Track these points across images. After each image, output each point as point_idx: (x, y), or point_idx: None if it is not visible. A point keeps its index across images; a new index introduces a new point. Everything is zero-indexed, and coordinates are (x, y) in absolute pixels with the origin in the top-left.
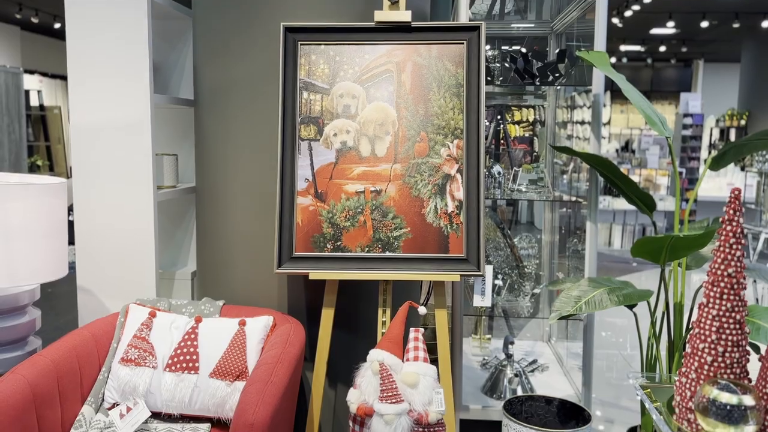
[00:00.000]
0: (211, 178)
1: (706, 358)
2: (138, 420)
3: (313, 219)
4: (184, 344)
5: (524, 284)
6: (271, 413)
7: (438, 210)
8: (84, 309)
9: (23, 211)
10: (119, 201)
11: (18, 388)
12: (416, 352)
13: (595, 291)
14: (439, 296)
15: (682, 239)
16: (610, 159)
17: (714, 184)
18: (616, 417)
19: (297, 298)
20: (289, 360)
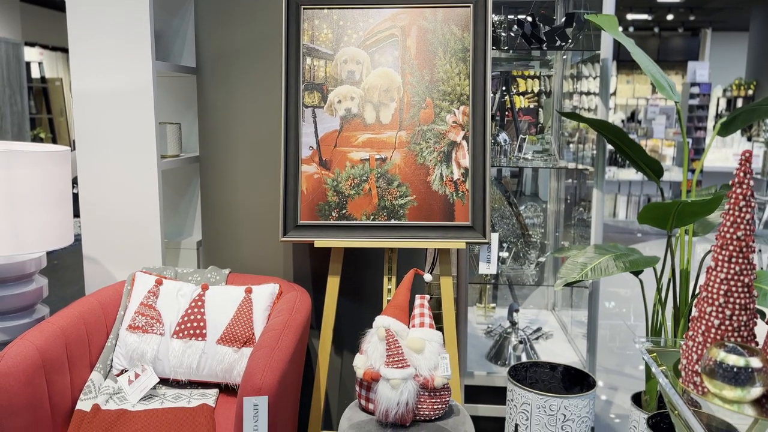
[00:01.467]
0: (215, 146)
1: (714, 321)
2: (146, 386)
3: (317, 187)
4: (191, 311)
5: (529, 252)
6: (279, 378)
7: (443, 177)
8: (90, 278)
9: (27, 178)
10: (123, 171)
11: (27, 354)
12: (422, 319)
13: (601, 257)
14: (445, 264)
15: (690, 205)
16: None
17: (720, 154)
18: (620, 384)
19: (302, 267)
20: (295, 326)
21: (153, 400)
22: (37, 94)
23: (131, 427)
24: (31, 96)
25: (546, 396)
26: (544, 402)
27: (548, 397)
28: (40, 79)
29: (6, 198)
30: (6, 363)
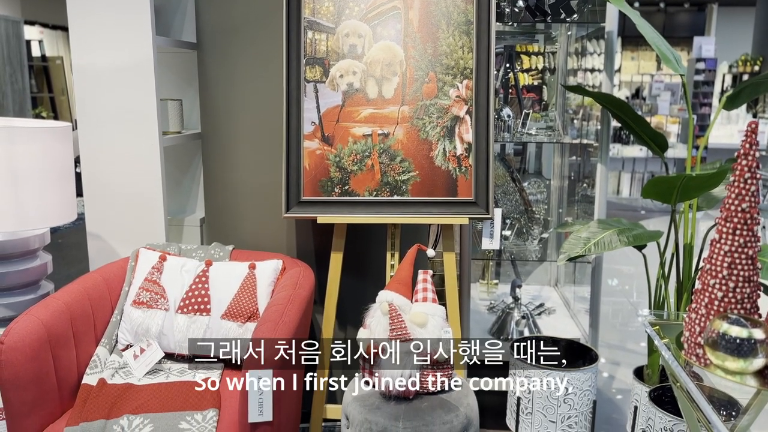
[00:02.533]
0: (217, 123)
1: (717, 293)
2: (152, 360)
3: (320, 163)
4: (195, 287)
5: (533, 228)
6: None
7: (446, 153)
8: (95, 255)
9: (29, 154)
10: (125, 148)
11: (33, 329)
12: (425, 293)
13: (604, 232)
14: (448, 240)
15: (695, 179)
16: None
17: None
18: (622, 359)
19: (305, 243)
20: (299, 301)
21: (158, 375)
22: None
23: (137, 401)
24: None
25: (548, 370)
26: (546, 376)
27: (551, 371)
28: (41, 57)
29: (8, 174)
30: (12, 337)
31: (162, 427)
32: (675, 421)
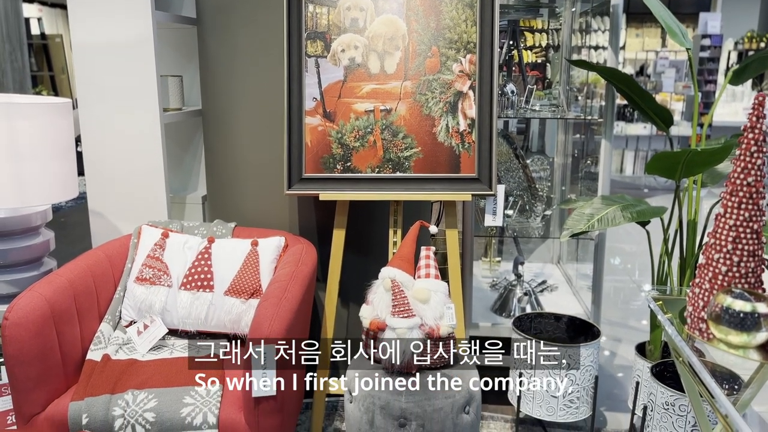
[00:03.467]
0: (217, 99)
1: (721, 268)
2: (155, 336)
3: (322, 139)
4: (198, 263)
5: (536, 205)
6: (286, 327)
7: (449, 129)
8: (97, 232)
9: (29, 130)
10: (126, 125)
11: (36, 305)
12: (427, 270)
13: (608, 208)
14: (450, 216)
15: (700, 154)
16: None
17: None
18: (624, 336)
19: (308, 220)
20: (302, 278)
21: (162, 350)
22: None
23: (141, 376)
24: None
25: (550, 345)
26: (548, 351)
27: (552, 346)
28: (40, 35)
29: (8, 150)
30: (16, 313)
31: (166, 401)
32: (677, 396)
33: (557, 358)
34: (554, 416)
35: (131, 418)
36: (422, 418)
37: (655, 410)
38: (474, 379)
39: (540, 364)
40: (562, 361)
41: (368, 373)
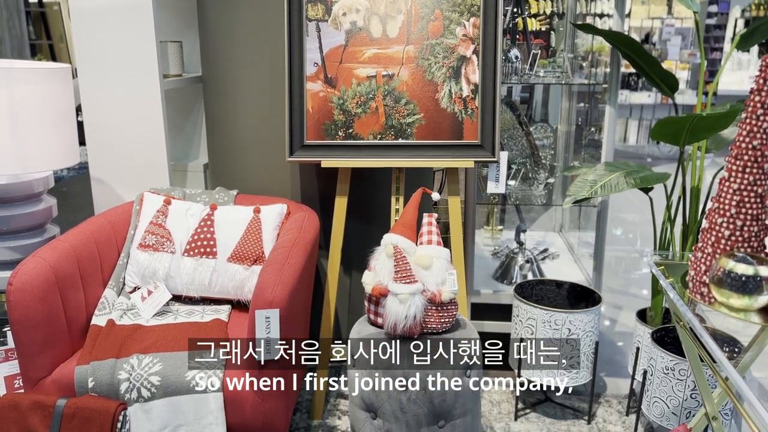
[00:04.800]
0: (218, 65)
1: (724, 232)
2: (159, 302)
3: (323, 105)
4: (200, 230)
5: (539, 172)
6: (289, 292)
7: (452, 94)
8: (99, 200)
9: (29, 95)
10: (126, 91)
11: (40, 271)
12: (429, 236)
13: (611, 174)
14: (453, 183)
15: (705, 119)
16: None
17: (735, 77)
18: (625, 303)
19: (310, 188)
20: (304, 244)
21: (167, 316)
22: (35, 19)
23: (146, 341)
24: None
25: (551, 311)
26: (549, 317)
27: (553, 312)
28: (38, 3)
29: (9, 116)
30: (20, 279)
31: (171, 365)
32: (677, 361)
33: (558, 324)
34: (555, 381)
35: (137, 382)
36: (424, 382)
37: (654, 375)
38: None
39: (541, 329)
40: (563, 327)
41: (371, 337)
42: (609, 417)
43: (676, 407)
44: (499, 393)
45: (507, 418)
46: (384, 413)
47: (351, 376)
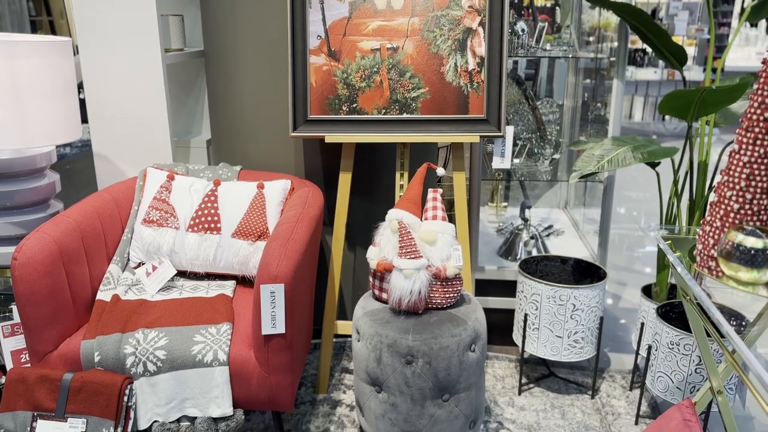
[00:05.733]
0: (220, 39)
1: (733, 205)
2: (164, 277)
3: (327, 79)
4: (204, 206)
5: (545, 147)
6: (294, 267)
7: (458, 68)
8: (102, 176)
9: (30, 69)
10: (128, 66)
11: (45, 246)
12: (434, 212)
13: (618, 149)
14: (458, 159)
15: (715, 92)
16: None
17: (743, 53)
18: (629, 280)
19: (314, 163)
20: (308, 220)
21: (172, 291)
22: None
23: (151, 316)
24: None
25: (556, 286)
26: (554, 292)
27: (558, 287)
28: None
29: (10, 89)
30: (24, 254)
31: (177, 339)
32: (682, 336)
33: (563, 300)
34: (559, 356)
35: (142, 356)
36: (429, 356)
37: (659, 350)
38: (480, 317)
39: (546, 305)
40: (568, 303)
41: (375, 312)
42: (612, 392)
43: (680, 382)
44: (503, 368)
45: (511, 393)
46: (389, 387)
47: (356, 350)
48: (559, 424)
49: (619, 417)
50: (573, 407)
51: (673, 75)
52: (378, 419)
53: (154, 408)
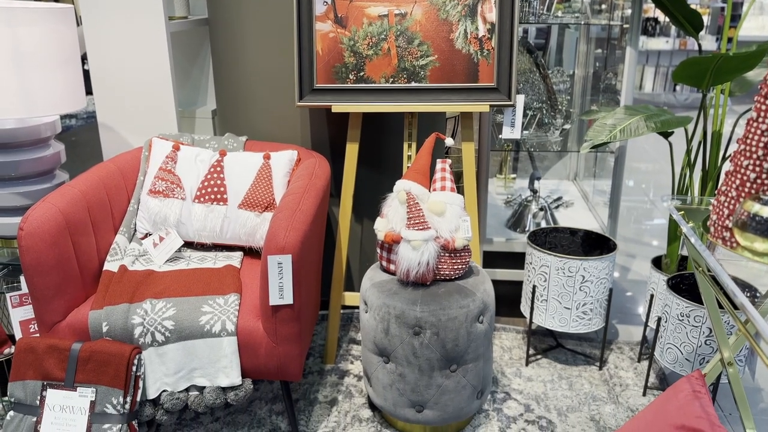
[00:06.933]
0: (224, 6)
1: (750, 175)
2: (171, 248)
3: (333, 47)
4: (210, 177)
5: (555, 117)
6: (301, 238)
7: (468, 34)
8: (107, 146)
9: (32, 36)
10: (131, 35)
11: (51, 216)
12: (443, 182)
13: (631, 118)
14: (467, 129)
15: (731, 59)
16: None
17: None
18: (637, 252)
19: (320, 134)
20: (315, 191)
21: (179, 262)
22: None
23: (159, 286)
24: None
25: (565, 258)
26: (563, 264)
27: (567, 259)
28: None
29: (13, 57)
30: (31, 224)
31: (185, 310)
32: (692, 307)
33: (572, 272)
34: (567, 327)
35: (150, 326)
36: (436, 327)
37: (669, 321)
38: (488, 288)
39: (554, 277)
40: (577, 274)
41: (383, 284)
42: (620, 363)
43: (690, 353)
44: (510, 339)
45: (518, 364)
46: (396, 358)
47: (363, 321)
48: (566, 394)
49: (627, 388)
50: (580, 378)
51: (685, 45)
52: (386, 389)
53: (163, 378)
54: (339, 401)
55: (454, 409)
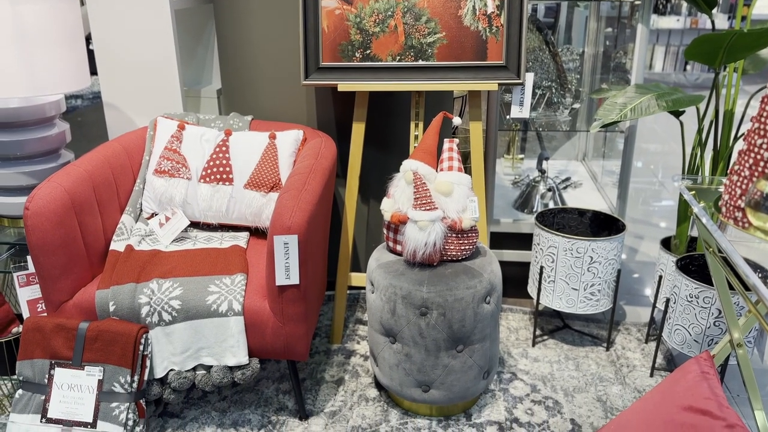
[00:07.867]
0: None
1: (764, 154)
2: (177, 228)
3: (339, 24)
4: (216, 156)
5: (565, 96)
6: (307, 218)
7: (476, 11)
8: (113, 126)
9: (35, 15)
10: (135, 12)
11: (56, 196)
12: (450, 162)
13: (642, 97)
14: (475, 108)
15: (746, 36)
16: None
17: None
18: (645, 233)
19: (326, 113)
20: (321, 170)
21: (185, 242)
22: None
23: (166, 266)
24: None
25: (573, 239)
26: (571, 245)
27: (575, 240)
28: None
29: (16, 36)
30: (36, 203)
31: (191, 290)
32: (701, 288)
33: (580, 252)
34: (574, 308)
35: (157, 306)
36: (443, 308)
37: (677, 302)
38: (495, 269)
39: (562, 258)
40: (585, 255)
41: (390, 264)
42: (628, 344)
43: (698, 335)
44: (517, 320)
45: (525, 344)
46: (403, 338)
47: (370, 301)
48: (573, 375)
49: (634, 369)
50: (587, 359)
51: (696, 23)
52: (392, 369)
53: (170, 357)
54: (345, 381)
55: (460, 389)
